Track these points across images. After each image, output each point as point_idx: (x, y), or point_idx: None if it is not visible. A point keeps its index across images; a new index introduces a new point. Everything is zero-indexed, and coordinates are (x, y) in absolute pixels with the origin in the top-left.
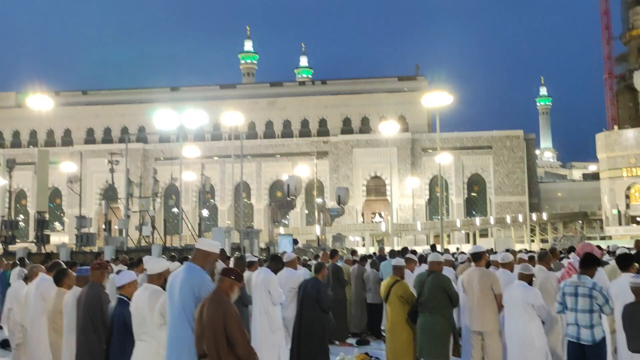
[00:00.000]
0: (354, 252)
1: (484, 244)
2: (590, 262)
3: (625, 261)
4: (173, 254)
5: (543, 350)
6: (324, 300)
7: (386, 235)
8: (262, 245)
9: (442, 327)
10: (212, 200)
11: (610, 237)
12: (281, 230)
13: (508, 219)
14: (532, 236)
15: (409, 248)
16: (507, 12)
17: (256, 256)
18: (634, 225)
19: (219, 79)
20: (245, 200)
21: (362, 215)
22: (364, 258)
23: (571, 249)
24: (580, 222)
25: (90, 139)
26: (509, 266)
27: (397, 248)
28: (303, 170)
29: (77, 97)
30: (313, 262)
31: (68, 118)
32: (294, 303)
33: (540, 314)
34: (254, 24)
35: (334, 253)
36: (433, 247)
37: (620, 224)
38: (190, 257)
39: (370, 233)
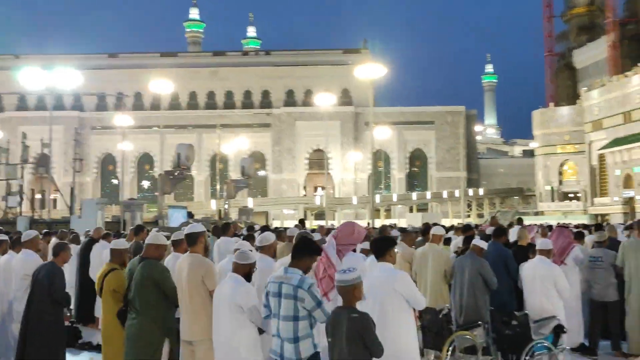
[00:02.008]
0: (250, 228)
1: (412, 219)
2: (303, 250)
3: (381, 247)
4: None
5: None
6: (58, 290)
7: (320, 209)
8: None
9: (150, 334)
10: (150, 172)
11: (542, 213)
12: (212, 203)
13: (445, 194)
14: (468, 211)
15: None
16: None
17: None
18: (567, 201)
19: (163, 47)
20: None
21: (305, 188)
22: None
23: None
24: (516, 197)
25: (22, 105)
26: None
27: (334, 222)
28: (244, 142)
29: (9, 60)
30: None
31: None
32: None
33: (253, 319)
34: None
35: (138, 229)
36: (301, 222)
37: (553, 200)
38: None
39: (305, 207)
